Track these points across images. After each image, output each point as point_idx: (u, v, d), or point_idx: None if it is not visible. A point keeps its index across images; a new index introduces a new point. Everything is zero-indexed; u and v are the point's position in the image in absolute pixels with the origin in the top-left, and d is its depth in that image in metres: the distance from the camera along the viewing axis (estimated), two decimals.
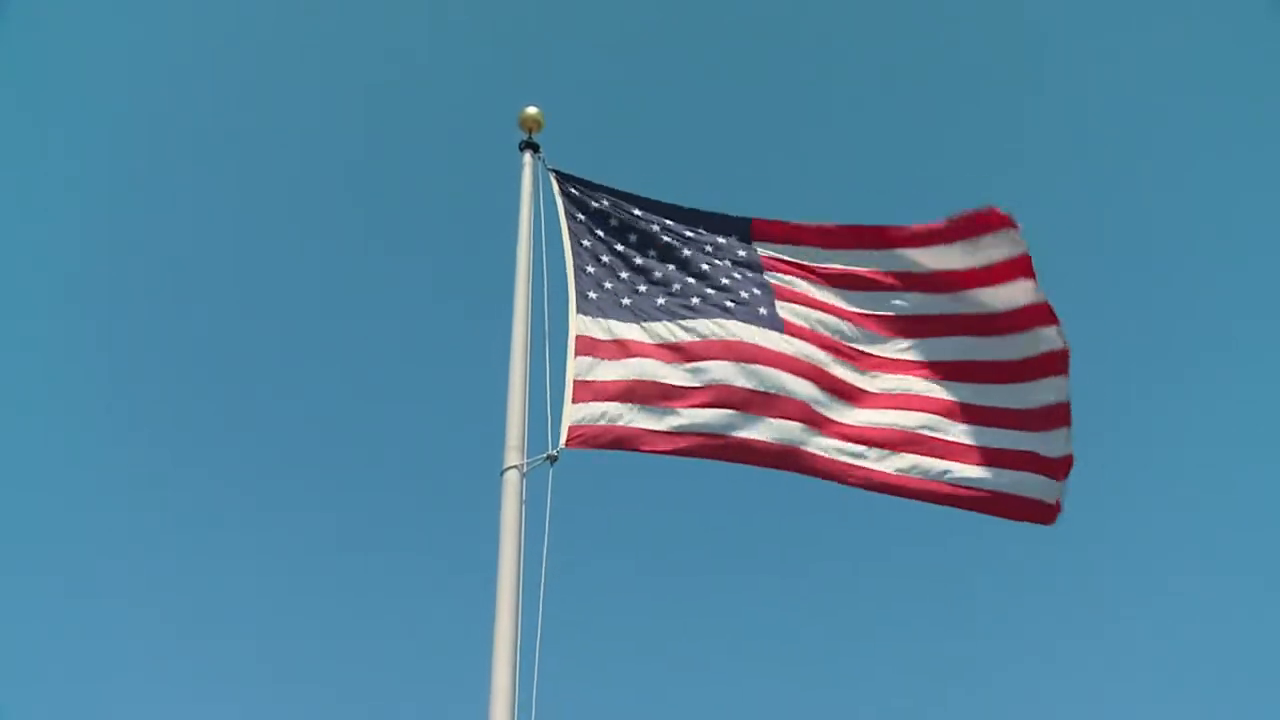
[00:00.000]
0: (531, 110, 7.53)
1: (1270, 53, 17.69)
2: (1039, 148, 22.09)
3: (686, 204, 7.42)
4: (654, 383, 6.50)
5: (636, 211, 7.32)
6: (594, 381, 6.39)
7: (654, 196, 7.35)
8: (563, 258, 6.94)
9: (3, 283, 17.70)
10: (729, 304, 6.96)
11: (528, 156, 7.40)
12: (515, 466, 5.90)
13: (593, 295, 6.81)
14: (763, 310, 6.98)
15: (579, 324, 6.59)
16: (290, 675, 17.42)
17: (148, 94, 19.67)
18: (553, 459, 6.01)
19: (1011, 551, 19.08)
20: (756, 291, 7.07)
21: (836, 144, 23.48)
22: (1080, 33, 21.09)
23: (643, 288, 7.00)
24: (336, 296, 21.55)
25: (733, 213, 7.43)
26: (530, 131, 7.50)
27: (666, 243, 7.21)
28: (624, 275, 7.05)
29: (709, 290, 7.01)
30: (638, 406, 6.38)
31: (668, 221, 7.30)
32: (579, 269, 6.89)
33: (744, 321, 6.86)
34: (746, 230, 7.35)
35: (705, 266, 7.13)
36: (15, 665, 15.19)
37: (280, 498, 19.94)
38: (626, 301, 6.88)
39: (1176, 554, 19.53)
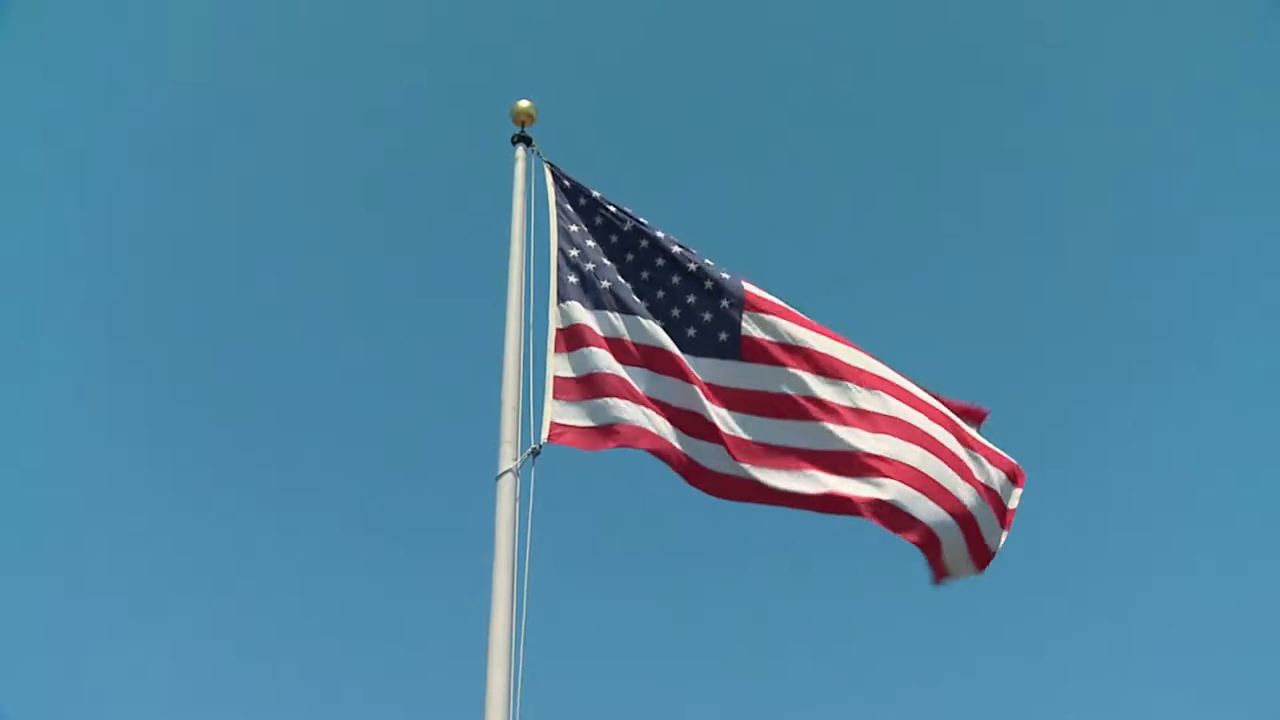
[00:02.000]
0: (524, 104, 7.46)
1: (1270, 53, 17.66)
2: (1037, 147, 22.08)
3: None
4: (625, 381, 6.40)
5: (627, 225, 7.19)
6: (573, 376, 6.30)
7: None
8: (549, 249, 6.83)
9: (5, 283, 17.73)
10: (690, 331, 6.77)
11: (520, 150, 7.35)
12: (510, 469, 5.83)
13: (573, 280, 6.70)
14: (722, 336, 6.79)
15: (561, 315, 6.50)
16: (285, 676, 17.42)
17: (144, 89, 19.74)
18: (535, 453, 5.93)
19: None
20: (724, 305, 6.85)
21: (831, 140, 23.51)
22: (1079, 32, 21.09)
23: (625, 280, 6.87)
24: (327, 292, 21.60)
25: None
26: (523, 125, 7.44)
27: (650, 246, 7.08)
28: (607, 263, 6.93)
29: (675, 311, 6.83)
30: (612, 402, 6.27)
31: (658, 234, 7.13)
32: (563, 255, 6.78)
33: (699, 355, 6.71)
34: (739, 293, 6.96)
35: (677, 278, 6.94)
36: (15, 665, 15.19)
37: (274, 497, 19.96)
38: (605, 285, 6.77)
39: (1164, 554, 19.58)
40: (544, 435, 6.00)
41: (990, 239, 21.90)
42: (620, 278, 6.88)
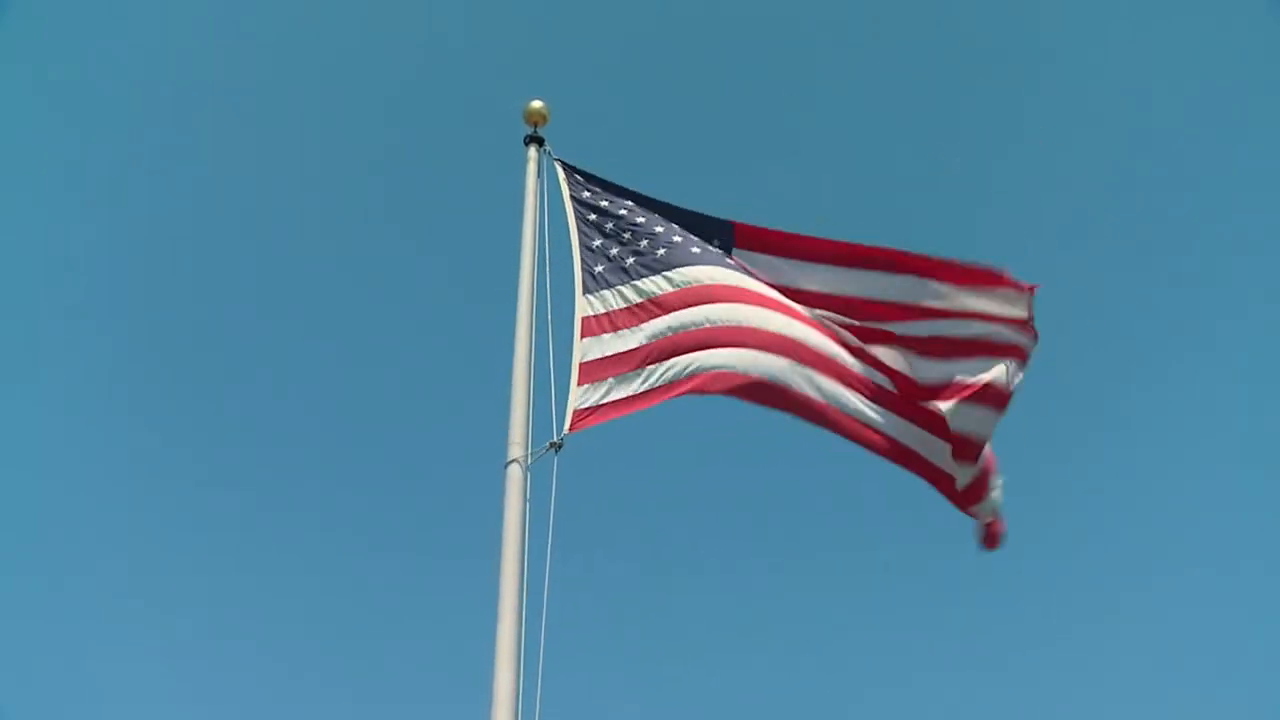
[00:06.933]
0: (536, 104, 7.54)
1: (1270, 53, 17.75)
2: (1036, 148, 22.15)
3: (691, 199, 7.41)
4: (639, 350, 6.46)
5: (629, 203, 7.33)
6: (596, 360, 6.33)
7: (657, 189, 7.36)
8: (568, 247, 6.91)
9: (5, 283, 17.75)
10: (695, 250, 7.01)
11: (532, 150, 7.42)
12: (518, 459, 5.80)
13: (599, 269, 6.78)
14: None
15: (585, 305, 6.55)
16: (291, 673, 17.47)
17: (145, 89, 19.75)
18: (556, 447, 5.88)
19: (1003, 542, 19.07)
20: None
21: (837, 139, 23.58)
22: (1080, 32, 21.17)
23: (643, 244, 7.00)
24: (340, 290, 21.62)
25: (728, 211, 7.37)
26: (535, 125, 7.52)
27: (647, 222, 7.23)
28: (626, 237, 7.04)
29: (677, 238, 7.03)
30: (629, 374, 6.34)
31: (655, 216, 7.28)
32: (584, 246, 6.86)
33: (713, 265, 6.91)
34: (730, 236, 7.23)
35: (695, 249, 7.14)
36: (15, 665, 15.20)
37: (278, 494, 19.99)
38: (630, 261, 6.87)
39: (1162, 552, 19.67)
40: (566, 426, 5.98)
41: (988, 237, 21.96)
42: (639, 244, 7.00)
